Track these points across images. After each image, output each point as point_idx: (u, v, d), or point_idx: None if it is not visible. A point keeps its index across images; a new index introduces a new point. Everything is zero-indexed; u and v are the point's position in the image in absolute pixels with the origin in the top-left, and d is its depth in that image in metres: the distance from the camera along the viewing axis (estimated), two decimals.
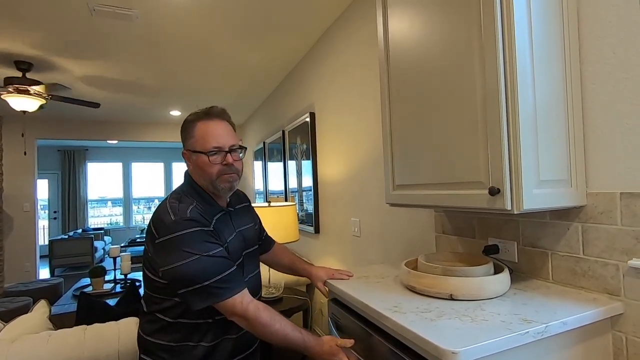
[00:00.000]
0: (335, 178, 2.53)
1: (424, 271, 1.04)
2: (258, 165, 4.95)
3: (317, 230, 2.88)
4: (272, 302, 2.28)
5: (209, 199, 1.08)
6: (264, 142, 4.47)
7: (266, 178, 4.51)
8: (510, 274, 1.05)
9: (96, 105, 3.50)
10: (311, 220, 2.95)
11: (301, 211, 3.21)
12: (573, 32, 0.97)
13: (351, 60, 2.22)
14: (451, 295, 0.94)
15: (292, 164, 3.45)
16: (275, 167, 4.05)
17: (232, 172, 1.06)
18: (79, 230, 7.29)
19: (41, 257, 5.65)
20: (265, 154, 4.47)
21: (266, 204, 2.40)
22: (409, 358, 0.80)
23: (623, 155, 0.89)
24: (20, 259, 5.06)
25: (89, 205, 8.27)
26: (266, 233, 1.41)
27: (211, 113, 1.09)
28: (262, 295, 2.12)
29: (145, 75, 3.45)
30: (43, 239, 7.36)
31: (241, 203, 1.25)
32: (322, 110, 2.73)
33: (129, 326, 1.53)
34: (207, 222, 1.00)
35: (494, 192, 0.87)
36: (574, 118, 0.96)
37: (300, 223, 3.18)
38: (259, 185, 5.01)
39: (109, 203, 8.79)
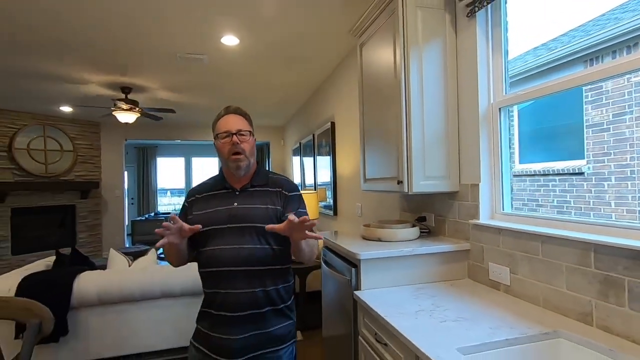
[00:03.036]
0: (347, 173, 3.33)
1: (370, 226, 1.83)
2: (296, 160, 5.86)
3: (335, 214, 3.70)
4: (300, 262, 3.15)
5: (220, 179, 1.29)
6: (299, 143, 5.36)
7: (302, 170, 5.41)
8: (428, 232, 1.81)
9: (172, 111, 4.59)
10: (331, 207, 3.78)
11: (326, 202, 4.04)
12: (452, 93, 1.69)
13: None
14: (379, 238, 1.72)
15: (321, 162, 4.29)
16: (308, 164, 4.92)
17: (238, 150, 1.19)
18: (152, 214, 8.77)
19: None
20: (300, 152, 5.36)
21: None
22: (344, 260, 1.61)
23: (470, 164, 1.61)
24: (112, 233, 6.48)
25: (158, 194, 9.81)
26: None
27: (227, 111, 1.27)
28: (293, 258, 3.02)
29: (208, 95, 4.47)
30: (126, 219, 8.96)
31: (264, 186, 1.27)
32: (339, 121, 3.53)
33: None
34: (194, 193, 1.29)
35: (399, 182, 1.65)
36: (452, 142, 1.68)
37: (325, 209, 4.03)
38: (297, 177, 5.93)
39: (168, 193, 10.29)
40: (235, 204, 1.22)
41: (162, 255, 4.15)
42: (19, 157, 5.23)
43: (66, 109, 5.18)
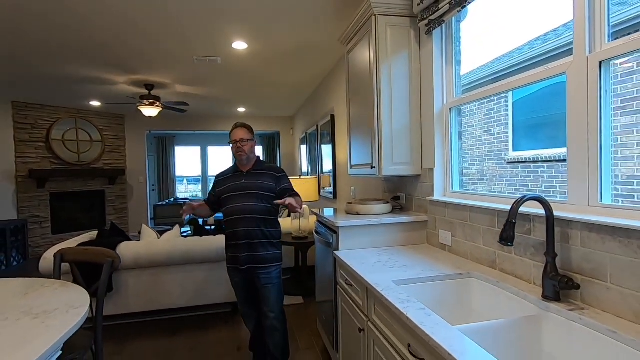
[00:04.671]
0: (344, 161, 3.75)
1: (351, 203, 2.26)
2: (304, 148, 6.30)
3: (335, 197, 4.14)
4: (301, 239, 3.63)
5: (234, 166, 2.16)
6: (306, 132, 5.78)
7: (310, 159, 5.84)
8: (400, 208, 2.23)
9: (186, 104, 5.08)
10: (331, 192, 4.22)
11: (327, 187, 4.48)
12: (416, 94, 2.08)
13: None
14: (357, 212, 2.16)
15: (324, 150, 4.71)
16: (313, 153, 5.34)
17: (240, 151, 2.05)
18: (171, 200, 9.41)
19: None
20: (307, 141, 5.78)
21: (298, 177, 3.72)
22: (328, 229, 2.06)
23: (428, 152, 2.01)
24: (137, 216, 7.11)
25: (177, 181, 10.44)
26: (292, 193, 2.06)
27: (235, 125, 2.10)
28: (295, 235, 3.49)
29: (222, 90, 4.93)
30: (149, 204, 9.64)
31: (260, 170, 2.11)
32: (338, 114, 3.93)
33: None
34: (219, 177, 2.17)
35: (372, 167, 2.07)
36: (415, 134, 2.08)
37: (328, 193, 4.47)
38: (304, 164, 6.37)
39: (185, 180, 10.91)
40: (243, 180, 2.09)
41: (185, 234, 4.72)
42: (55, 147, 5.84)
43: (95, 103, 5.73)
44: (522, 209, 1.34)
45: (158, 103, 4.63)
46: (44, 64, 3.73)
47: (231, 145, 2.09)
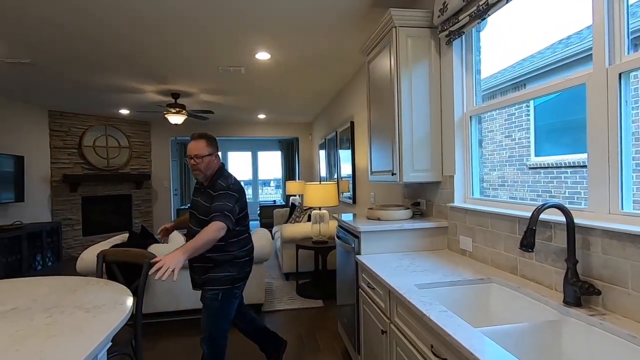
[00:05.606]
0: (363, 167, 3.81)
1: (372, 209, 2.32)
2: (322, 153, 6.39)
3: (354, 202, 4.20)
4: (321, 243, 3.70)
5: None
6: (325, 138, 5.87)
7: (328, 164, 5.93)
8: (420, 214, 2.28)
9: (211, 112, 5.26)
10: (350, 197, 4.28)
11: (346, 192, 4.55)
12: (436, 103, 2.13)
13: None
14: (378, 218, 2.21)
15: (343, 156, 4.79)
16: (332, 158, 5.42)
17: (195, 169, 1.91)
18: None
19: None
20: (325, 147, 5.87)
21: (318, 182, 3.81)
22: (350, 234, 2.13)
23: (448, 160, 2.05)
24: (161, 219, 7.35)
25: None
26: (213, 216, 1.78)
27: (192, 137, 1.95)
28: (315, 239, 3.56)
29: (244, 98, 5.09)
30: (172, 207, 9.94)
31: (209, 189, 1.91)
32: (357, 120, 4.01)
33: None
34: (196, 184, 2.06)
35: (393, 174, 2.13)
36: (435, 142, 2.13)
37: (347, 198, 4.53)
38: (322, 169, 6.45)
39: None
40: (198, 198, 1.96)
41: None
42: (86, 153, 6.15)
43: (124, 111, 6.01)
44: (543, 216, 1.38)
45: (184, 111, 4.82)
46: (78, 75, 3.97)
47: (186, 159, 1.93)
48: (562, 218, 1.25)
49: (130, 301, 1.35)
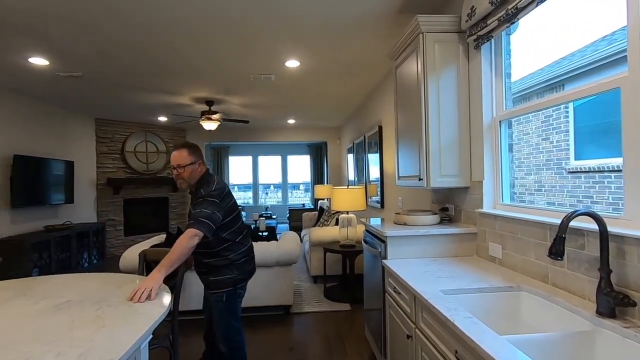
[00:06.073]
0: (391, 171, 3.80)
1: (399, 214, 2.32)
2: (350, 157, 6.42)
3: (382, 206, 4.20)
4: (349, 247, 3.73)
5: None
6: (353, 142, 5.89)
7: (357, 168, 5.95)
8: (449, 220, 2.26)
9: (246, 121, 5.45)
10: (378, 201, 4.28)
11: (374, 196, 4.55)
12: (464, 107, 2.11)
13: None
14: (405, 223, 2.22)
15: (371, 160, 4.80)
16: (360, 162, 5.44)
17: (178, 178, 1.91)
18: None
19: None
20: (354, 151, 5.90)
21: (345, 187, 3.84)
22: (377, 238, 2.15)
23: (477, 165, 2.02)
24: None
25: (230, 189, 11.07)
26: (188, 224, 1.80)
27: (174, 147, 1.95)
28: (343, 243, 3.60)
29: (274, 104, 5.24)
30: None
31: (195, 197, 1.90)
32: (385, 125, 4.01)
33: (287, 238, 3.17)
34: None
35: (420, 179, 2.13)
36: (464, 147, 2.11)
37: (375, 202, 4.54)
38: (351, 172, 6.48)
39: (236, 187, 11.50)
40: (190, 206, 1.94)
41: None
42: (128, 158, 6.55)
43: (162, 118, 6.35)
44: (575, 223, 1.34)
45: (217, 118, 5.03)
46: (122, 85, 4.26)
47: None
48: (595, 226, 1.22)
49: (168, 298, 1.45)
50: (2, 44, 2.94)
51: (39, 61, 3.34)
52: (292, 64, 3.52)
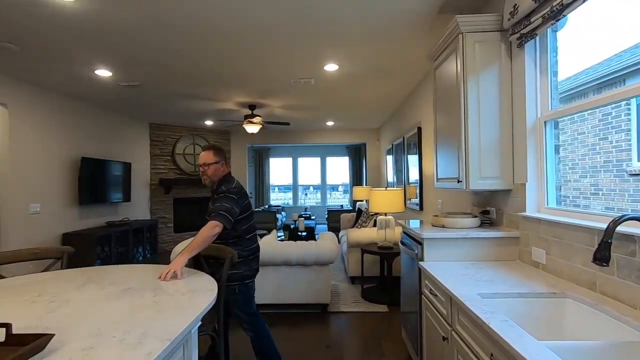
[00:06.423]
0: (431, 173, 3.74)
1: (437, 216, 2.30)
2: (389, 158, 6.37)
3: (421, 208, 4.14)
4: (387, 249, 3.73)
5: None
6: (392, 144, 5.85)
7: (396, 169, 5.89)
8: (490, 223, 2.21)
9: (287, 124, 5.62)
10: (417, 203, 4.22)
11: (413, 198, 4.49)
12: (507, 108, 2.05)
13: None
14: (443, 225, 2.20)
15: (410, 162, 4.74)
16: (399, 164, 5.39)
17: (203, 175, 2.15)
18: (266, 206, 10.31)
19: None
20: (393, 152, 5.85)
21: (384, 188, 3.84)
22: (414, 240, 2.15)
23: (520, 167, 1.96)
24: None
25: (271, 189, 11.40)
26: (210, 216, 2.03)
27: (203, 148, 2.19)
28: (381, 245, 3.61)
29: (313, 106, 5.35)
30: None
31: (216, 193, 2.13)
32: (425, 126, 3.95)
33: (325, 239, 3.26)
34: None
35: (458, 181, 2.10)
36: (506, 148, 2.05)
37: (414, 204, 4.48)
38: (389, 174, 6.42)
39: (276, 189, 11.79)
40: (210, 202, 2.16)
41: (280, 239, 5.22)
42: (178, 160, 7.00)
43: (208, 122, 6.72)
44: (626, 229, 1.27)
45: (260, 121, 5.25)
46: (174, 91, 4.59)
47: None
48: None
49: (216, 288, 1.58)
50: (73, 58, 3.31)
51: (103, 72, 3.71)
52: (331, 67, 3.60)
